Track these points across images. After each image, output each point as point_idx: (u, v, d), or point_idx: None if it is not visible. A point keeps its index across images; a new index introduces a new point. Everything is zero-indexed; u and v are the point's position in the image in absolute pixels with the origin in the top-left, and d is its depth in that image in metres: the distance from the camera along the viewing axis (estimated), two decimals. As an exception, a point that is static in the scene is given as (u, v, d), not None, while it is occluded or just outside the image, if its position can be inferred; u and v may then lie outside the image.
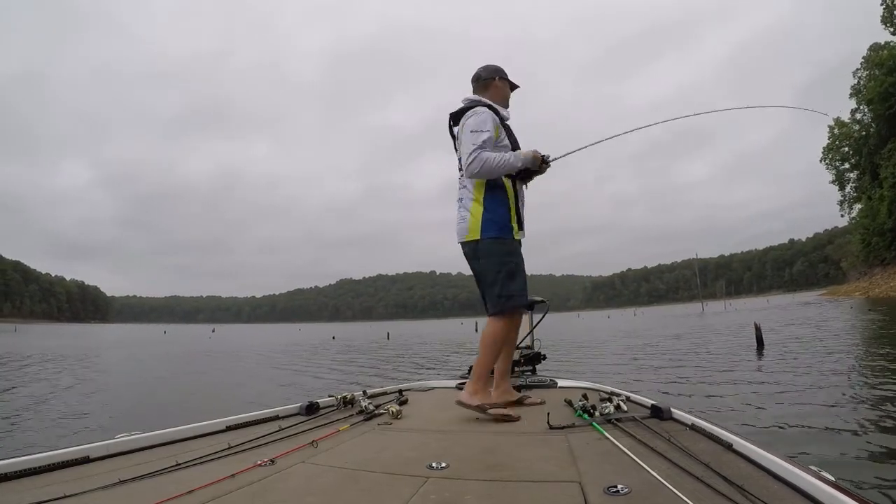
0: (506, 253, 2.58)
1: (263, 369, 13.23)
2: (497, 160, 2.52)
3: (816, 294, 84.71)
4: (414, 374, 10.52)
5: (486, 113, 2.61)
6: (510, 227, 2.60)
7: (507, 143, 2.65)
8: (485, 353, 2.53)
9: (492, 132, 2.56)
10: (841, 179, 56.50)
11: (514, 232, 2.62)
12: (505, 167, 2.54)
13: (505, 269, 2.55)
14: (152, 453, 1.84)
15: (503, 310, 2.55)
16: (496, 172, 2.55)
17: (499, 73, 2.80)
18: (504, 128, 2.69)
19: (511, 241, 2.60)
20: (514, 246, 2.62)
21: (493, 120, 2.60)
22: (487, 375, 2.53)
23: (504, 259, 2.57)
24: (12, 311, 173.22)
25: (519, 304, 2.60)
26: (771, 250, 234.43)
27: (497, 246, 2.58)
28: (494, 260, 2.57)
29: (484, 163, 2.51)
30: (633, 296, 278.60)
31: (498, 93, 2.78)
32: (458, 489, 1.42)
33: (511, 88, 2.85)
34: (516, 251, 2.62)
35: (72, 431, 5.33)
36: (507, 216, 2.60)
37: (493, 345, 2.55)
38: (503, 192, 2.61)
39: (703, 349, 11.88)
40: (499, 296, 2.53)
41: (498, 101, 2.76)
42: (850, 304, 33.80)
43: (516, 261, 2.59)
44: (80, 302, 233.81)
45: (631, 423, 2.07)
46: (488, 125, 2.57)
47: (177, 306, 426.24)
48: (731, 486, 1.27)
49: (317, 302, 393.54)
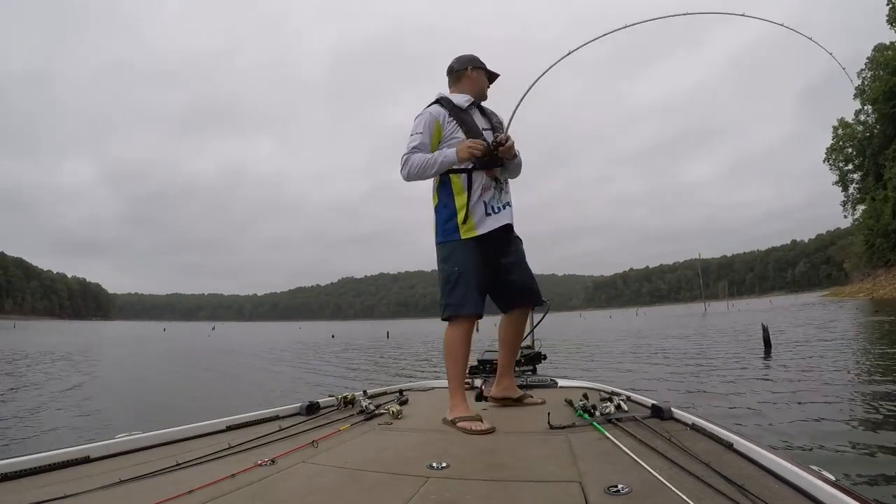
0: (443, 259, 2.50)
1: (262, 368, 13.23)
2: (419, 162, 2.45)
3: (819, 295, 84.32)
4: (418, 372, 10.52)
5: (424, 114, 2.55)
6: (454, 226, 2.47)
7: (459, 136, 2.50)
8: (446, 364, 2.49)
9: (424, 134, 2.49)
10: (844, 180, 56.27)
11: (461, 231, 2.47)
12: (433, 167, 2.45)
13: (442, 277, 2.49)
14: (152, 453, 1.84)
15: (445, 318, 2.49)
16: (426, 174, 2.48)
17: (472, 62, 2.67)
18: (462, 121, 2.54)
19: (453, 243, 2.48)
20: (453, 249, 2.48)
21: (427, 121, 2.51)
22: (457, 387, 2.43)
23: (442, 266, 2.50)
24: (13, 308, 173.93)
25: (450, 315, 2.47)
26: (773, 251, 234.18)
27: (439, 251, 2.53)
28: (438, 266, 2.53)
29: (410, 167, 2.47)
30: (634, 296, 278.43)
31: (471, 83, 2.65)
32: (459, 489, 1.41)
33: (491, 78, 2.73)
34: (455, 255, 2.47)
35: (61, 436, 5.22)
36: (449, 215, 2.49)
37: (447, 355, 2.49)
38: (448, 188, 2.51)
39: (710, 350, 11.69)
40: (440, 304, 2.49)
41: (472, 91, 2.64)
42: (854, 305, 33.68)
43: (454, 268, 2.46)
44: (81, 299, 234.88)
45: (631, 422, 2.06)
46: (420, 128, 2.51)
47: (178, 304, 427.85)
48: (732, 486, 1.26)
49: (318, 300, 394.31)
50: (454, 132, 2.52)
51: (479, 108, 2.69)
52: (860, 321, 18.62)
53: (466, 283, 2.44)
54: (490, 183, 2.51)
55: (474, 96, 2.64)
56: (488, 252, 2.51)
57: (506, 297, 2.67)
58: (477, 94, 2.66)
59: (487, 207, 2.49)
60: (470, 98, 2.62)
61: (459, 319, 2.47)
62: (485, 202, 2.49)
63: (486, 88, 2.70)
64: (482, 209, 2.49)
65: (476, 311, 2.46)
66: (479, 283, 2.47)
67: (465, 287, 2.43)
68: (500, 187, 2.55)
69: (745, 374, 7.51)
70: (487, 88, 2.71)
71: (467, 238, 2.47)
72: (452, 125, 2.53)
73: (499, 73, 2.74)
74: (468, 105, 2.60)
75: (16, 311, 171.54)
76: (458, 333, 2.47)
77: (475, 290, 2.45)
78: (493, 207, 2.51)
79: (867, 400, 4.98)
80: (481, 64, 2.68)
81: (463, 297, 2.43)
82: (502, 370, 2.76)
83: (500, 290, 2.63)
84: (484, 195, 2.50)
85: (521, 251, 2.68)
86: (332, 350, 19.67)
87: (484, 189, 2.50)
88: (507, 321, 2.73)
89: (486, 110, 2.71)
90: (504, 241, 2.58)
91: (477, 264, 2.47)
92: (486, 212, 2.49)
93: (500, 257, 2.56)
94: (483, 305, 2.52)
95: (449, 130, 2.53)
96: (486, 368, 3.53)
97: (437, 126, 2.52)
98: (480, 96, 2.68)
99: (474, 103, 2.65)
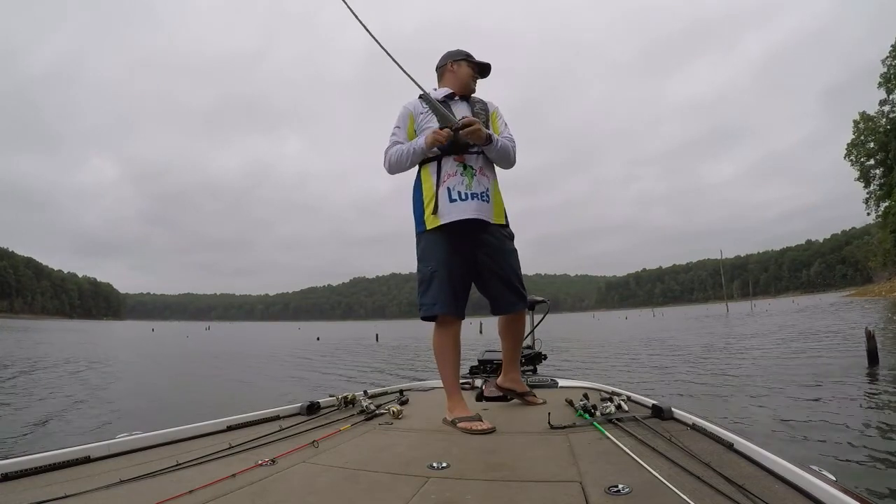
0: (418, 257, 2.50)
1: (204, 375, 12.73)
2: (396, 154, 2.47)
3: (842, 295, 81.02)
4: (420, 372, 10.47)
5: (399, 111, 2.57)
6: (421, 216, 2.45)
7: (433, 125, 2.45)
8: (437, 366, 2.47)
9: (401, 128, 2.53)
10: (866, 176, 54.89)
11: (427, 220, 2.42)
12: (408, 158, 2.45)
13: (418, 277, 2.48)
14: (153, 453, 1.84)
15: (422, 318, 2.48)
16: (403, 165, 2.48)
17: (451, 57, 2.65)
18: (441, 114, 2.44)
19: (423, 236, 2.46)
20: (425, 243, 2.46)
21: (401, 115, 2.54)
22: (452, 387, 2.40)
23: (418, 264, 2.50)
24: (24, 308, 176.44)
25: (425, 316, 2.45)
26: (788, 251, 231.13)
27: (416, 247, 2.53)
28: (417, 263, 2.53)
29: (389, 159, 2.49)
30: (647, 296, 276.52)
31: (452, 78, 2.63)
32: (459, 489, 1.41)
33: (477, 69, 2.65)
34: (428, 250, 2.45)
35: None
36: (419, 206, 2.48)
37: (436, 357, 2.47)
38: (419, 178, 2.51)
39: (794, 364, 9.38)
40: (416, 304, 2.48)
41: (453, 85, 2.61)
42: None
43: (427, 265, 2.43)
44: (92, 299, 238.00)
45: (632, 422, 2.05)
46: (397, 122, 2.55)
47: (190, 304, 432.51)
48: (733, 486, 1.25)
49: (329, 300, 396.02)
50: (428, 121, 2.49)
51: (466, 99, 2.64)
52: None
53: (440, 280, 2.40)
54: (457, 168, 2.42)
55: (456, 89, 2.61)
56: (463, 246, 2.43)
57: (488, 299, 2.60)
58: (459, 87, 2.62)
59: (452, 193, 2.39)
60: (449, 90, 2.61)
61: (441, 320, 2.44)
62: (448, 188, 2.39)
63: (469, 80, 2.63)
64: (446, 195, 2.39)
65: (447, 312, 2.41)
66: (454, 280, 2.41)
67: (437, 285, 2.40)
68: (470, 173, 2.42)
69: (861, 397, 5.97)
70: (473, 79, 2.64)
71: (433, 228, 2.41)
72: (427, 115, 2.51)
73: (489, 62, 2.67)
74: (445, 96, 2.58)
75: (26, 311, 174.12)
76: (441, 335, 2.45)
77: (448, 289, 2.40)
78: (460, 194, 2.38)
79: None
80: (463, 57, 2.65)
81: (435, 296, 2.40)
82: (508, 362, 2.73)
83: (484, 291, 2.58)
84: (448, 181, 2.40)
85: (503, 252, 2.54)
86: (299, 357, 18.45)
87: (449, 174, 2.41)
88: (503, 316, 2.67)
89: (472, 101, 2.65)
90: (484, 239, 2.47)
91: (449, 259, 2.41)
92: (451, 197, 2.38)
93: (478, 254, 2.48)
94: (460, 306, 2.45)
95: (423, 121, 2.51)
96: (486, 368, 3.53)
97: (411, 118, 2.54)
98: (463, 88, 2.63)
99: (455, 95, 2.61)
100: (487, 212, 2.43)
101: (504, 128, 2.62)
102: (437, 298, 2.39)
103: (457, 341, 2.47)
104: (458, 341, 2.48)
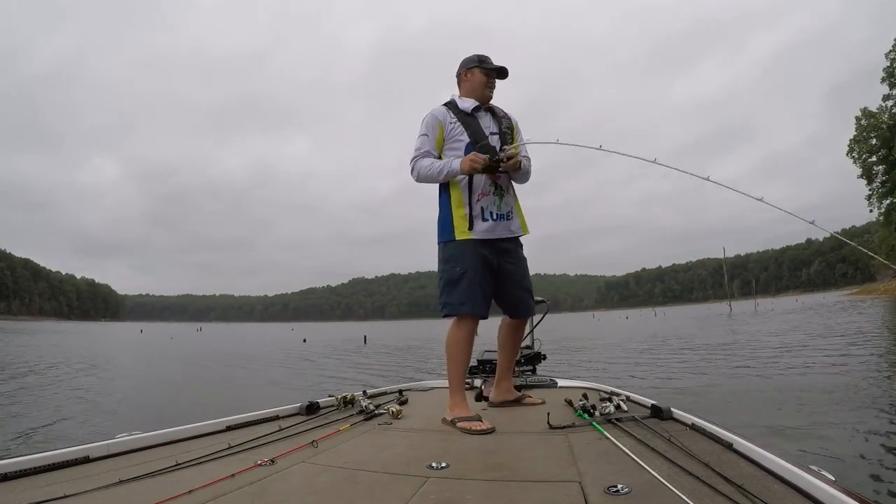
0: (444, 260, 2.52)
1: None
2: (426, 170, 2.51)
3: (845, 294, 79.71)
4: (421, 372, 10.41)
5: (427, 116, 2.57)
6: (451, 227, 2.50)
7: (464, 139, 2.53)
8: (447, 364, 2.50)
9: (430, 137, 2.54)
10: (869, 173, 54.57)
11: (457, 232, 2.49)
12: (439, 177, 2.50)
13: (444, 277, 2.50)
14: (152, 453, 1.85)
15: (444, 316, 2.52)
16: (434, 179, 2.52)
17: (465, 65, 2.66)
18: (468, 124, 2.55)
19: (452, 243, 2.50)
20: (453, 250, 2.49)
21: (430, 123, 2.55)
22: (457, 386, 2.44)
23: (442, 266, 2.52)
24: (21, 309, 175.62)
25: (449, 314, 2.49)
26: (788, 250, 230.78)
27: (440, 251, 2.55)
28: (439, 266, 2.54)
29: (418, 172, 2.53)
30: (647, 296, 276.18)
31: (468, 85, 2.65)
32: (459, 489, 1.41)
33: (491, 75, 2.63)
34: (457, 255, 2.48)
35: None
36: (448, 216, 2.52)
37: (448, 354, 2.50)
38: (447, 189, 2.55)
39: (831, 372, 7.62)
40: (439, 303, 2.50)
41: (470, 93, 2.63)
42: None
43: (456, 266, 2.47)
44: (90, 300, 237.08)
45: (631, 422, 2.06)
46: (424, 129, 2.55)
47: (189, 305, 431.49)
48: (732, 486, 1.26)
49: (329, 301, 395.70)
50: (459, 135, 2.54)
51: (491, 111, 2.66)
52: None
53: (469, 281, 2.44)
54: (489, 188, 2.52)
55: (474, 97, 2.63)
56: (490, 256, 2.50)
57: (504, 305, 2.67)
58: (476, 95, 2.63)
59: (485, 213, 2.51)
60: (475, 102, 2.62)
61: (462, 320, 2.47)
62: (482, 207, 2.50)
63: (482, 88, 2.62)
64: (479, 213, 2.50)
65: (475, 312, 2.46)
66: (482, 284, 2.46)
67: (467, 286, 2.43)
68: (500, 193, 2.55)
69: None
70: (488, 86, 2.63)
71: (465, 239, 2.48)
72: (457, 128, 2.54)
73: (505, 66, 2.65)
74: (473, 109, 2.60)
75: (24, 312, 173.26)
76: (460, 334, 2.47)
77: (477, 291, 2.44)
78: (492, 214, 2.52)
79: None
80: (475, 63, 2.63)
81: (464, 297, 2.43)
82: (501, 374, 2.76)
83: (499, 297, 2.62)
84: (482, 200, 2.51)
85: (522, 262, 2.67)
86: (271, 361, 17.40)
87: (483, 194, 2.51)
88: (506, 325, 2.74)
89: (497, 112, 2.67)
90: (507, 250, 2.58)
91: (479, 266, 2.46)
92: (484, 217, 2.50)
93: (502, 264, 2.55)
94: (486, 308, 2.52)
95: (452, 132, 2.54)
96: (485, 368, 3.54)
97: (441, 127, 2.55)
98: (480, 97, 2.63)
99: (481, 106, 2.63)
100: (517, 228, 2.61)
101: (521, 142, 2.65)
102: (466, 298, 2.44)
103: (471, 342, 2.52)
104: (472, 342, 2.53)
